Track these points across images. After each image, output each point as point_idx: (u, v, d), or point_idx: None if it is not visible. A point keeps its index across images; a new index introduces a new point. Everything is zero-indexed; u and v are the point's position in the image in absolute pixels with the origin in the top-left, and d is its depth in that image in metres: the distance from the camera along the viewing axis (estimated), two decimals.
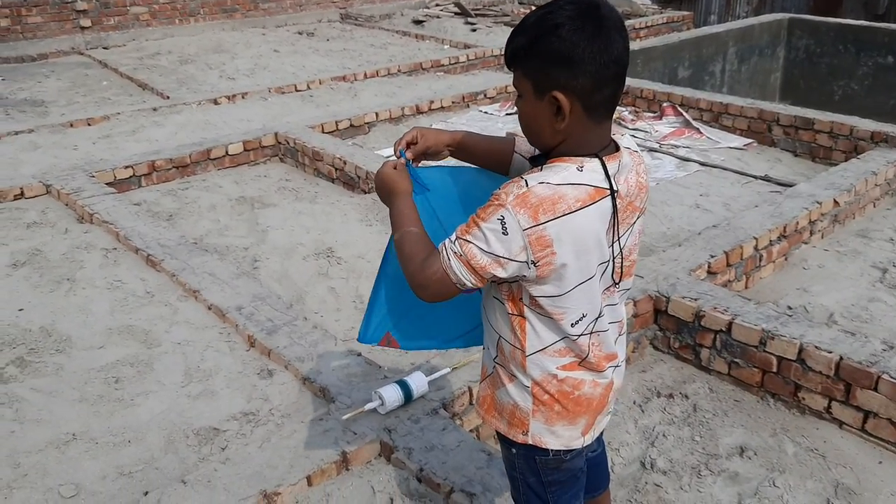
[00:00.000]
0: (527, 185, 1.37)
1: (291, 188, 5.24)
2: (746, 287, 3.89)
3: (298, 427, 2.55)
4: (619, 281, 1.54)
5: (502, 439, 1.67)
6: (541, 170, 1.42)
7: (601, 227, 1.42)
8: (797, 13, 11.04)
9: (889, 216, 4.67)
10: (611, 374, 1.60)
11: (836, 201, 4.36)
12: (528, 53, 1.40)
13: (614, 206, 1.42)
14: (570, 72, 1.36)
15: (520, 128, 1.53)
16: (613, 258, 1.48)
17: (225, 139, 5.69)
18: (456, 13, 12.21)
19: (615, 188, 1.43)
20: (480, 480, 2.32)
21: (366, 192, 4.97)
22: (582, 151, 1.42)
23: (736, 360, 3.10)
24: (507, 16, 12.12)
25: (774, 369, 2.98)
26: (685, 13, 11.82)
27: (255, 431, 2.64)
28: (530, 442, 1.58)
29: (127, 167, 5.15)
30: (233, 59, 8.84)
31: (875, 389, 2.70)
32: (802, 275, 4.00)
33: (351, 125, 6.18)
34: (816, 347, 2.85)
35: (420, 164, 1.71)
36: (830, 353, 2.81)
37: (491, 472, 2.36)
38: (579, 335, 1.50)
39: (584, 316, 1.48)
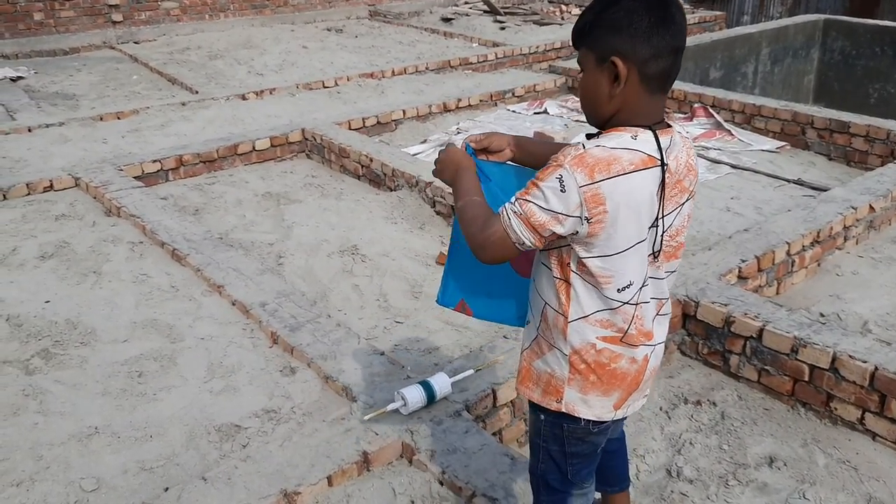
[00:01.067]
0: (584, 148, 1.47)
1: (317, 185, 5.23)
2: (778, 293, 3.80)
3: (320, 426, 2.53)
4: (659, 255, 1.59)
5: (533, 407, 1.74)
6: (597, 137, 1.52)
7: (652, 194, 1.51)
8: (833, 14, 10.85)
9: None
10: (646, 352, 1.64)
11: (871, 207, 4.25)
12: (592, 26, 1.52)
13: (663, 178, 1.51)
14: (630, 40, 1.47)
15: (546, 128, 1.59)
16: (657, 229, 1.55)
17: (252, 135, 5.71)
18: (485, 11, 12.15)
19: (665, 161, 1.51)
20: (503, 485, 2.28)
21: (392, 190, 4.95)
22: (636, 122, 1.52)
23: (766, 367, 3.02)
24: (537, 14, 12.03)
25: (806, 378, 2.90)
26: (718, 13, 11.65)
27: (277, 429, 2.63)
28: (563, 410, 1.65)
29: (155, 161, 5.18)
30: (261, 55, 8.87)
31: None
32: (836, 281, 3.91)
33: (378, 122, 6.17)
34: (850, 357, 2.77)
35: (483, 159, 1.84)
36: (865, 362, 2.74)
37: (514, 476, 2.32)
38: (624, 303, 1.57)
39: (630, 284, 1.55)
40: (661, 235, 1.57)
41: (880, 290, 3.78)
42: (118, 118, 6.36)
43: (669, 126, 1.56)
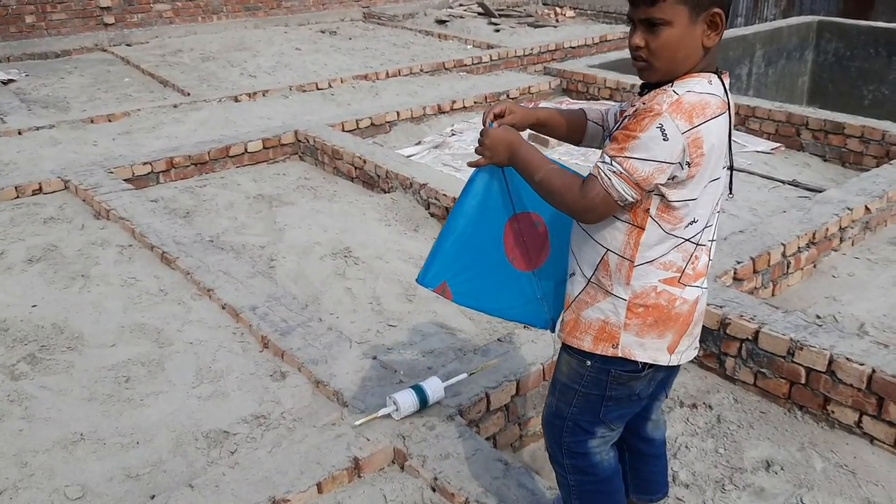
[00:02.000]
0: (677, 94, 1.55)
1: (310, 187, 5.19)
2: (773, 294, 3.77)
3: (310, 432, 2.49)
4: (723, 199, 1.67)
5: (576, 355, 1.78)
6: (680, 83, 1.59)
7: (727, 134, 1.60)
8: (827, 16, 10.84)
9: None
10: (697, 293, 1.71)
11: (867, 208, 4.22)
12: None
13: (731, 119, 1.61)
14: None
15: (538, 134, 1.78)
16: (727, 168, 1.65)
17: (244, 137, 5.66)
18: (479, 13, 12.13)
19: (730, 103, 1.62)
20: (496, 491, 2.24)
21: (385, 192, 4.91)
22: (710, 68, 1.62)
23: (762, 370, 2.99)
24: (531, 16, 12.02)
25: (803, 381, 2.87)
26: None
27: (266, 435, 2.58)
28: (620, 354, 1.70)
29: (145, 164, 5.13)
30: (254, 57, 8.83)
31: None
32: (832, 283, 3.88)
33: (372, 124, 6.13)
34: (848, 359, 2.73)
35: None
36: (862, 365, 2.70)
37: (507, 482, 2.28)
38: (686, 240, 1.64)
39: (696, 221, 1.63)
40: (731, 175, 1.67)
41: (877, 292, 3.76)
42: (109, 120, 6.31)
43: (725, 70, 1.65)
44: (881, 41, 8.84)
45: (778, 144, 5.82)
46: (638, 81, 1.71)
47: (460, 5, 12.58)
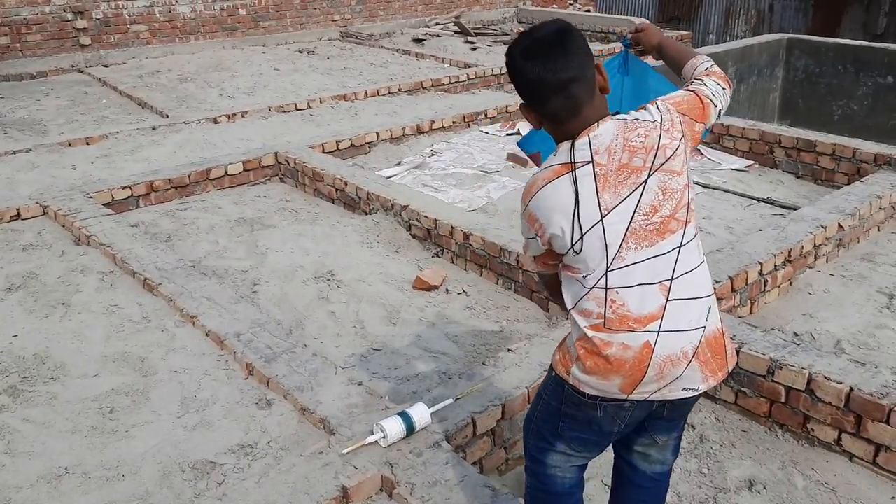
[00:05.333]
0: (525, 166, 1.95)
1: (291, 209, 5.19)
2: (751, 313, 3.83)
3: (297, 461, 2.49)
4: (624, 242, 1.69)
5: (551, 366, 1.92)
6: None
7: (568, 195, 1.69)
8: (796, 33, 11.07)
9: (894, 240, 4.63)
10: (645, 338, 1.69)
11: (840, 225, 4.32)
12: None
13: (576, 174, 1.69)
14: (522, 95, 1.77)
15: (518, 150, 1.97)
16: (598, 222, 1.69)
17: (224, 159, 5.66)
18: (456, 32, 12.23)
19: (575, 160, 1.69)
20: None
21: (367, 214, 4.93)
22: (564, 138, 1.74)
23: (743, 389, 3.04)
24: (507, 35, 12.14)
25: (783, 399, 2.92)
26: (684, 33, 11.85)
27: (253, 465, 2.58)
28: (570, 381, 1.80)
29: (125, 187, 5.11)
30: (233, 78, 8.83)
31: (887, 422, 2.64)
32: (808, 300, 3.95)
33: (352, 145, 6.15)
34: (826, 378, 2.79)
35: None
36: (840, 383, 2.76)
37: None
38: (590, 288, 1.72)
39: (592, 270, 1.72)
40: (619, 221, 1.69)
41: (852, 308, 3.83)
42: (87, 143, 6.28)
43: (594, 124, 1.71)
44: (849, 58, 9.04)
45: (752, 162, 5.93)
46: None
47: (437, 24, 12.67)
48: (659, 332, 1.69)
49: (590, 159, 1.68)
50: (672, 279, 1.69)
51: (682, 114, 1.78)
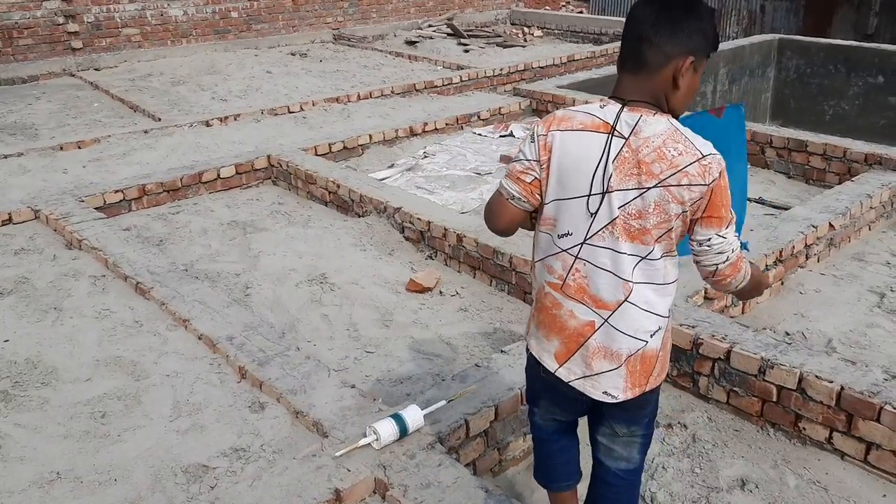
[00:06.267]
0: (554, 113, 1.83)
1: (284, 212, 5.19)
2: (744, 312, 3.85)
3: (290, 464, 2.49)
4: (608, 225, 1.72)
5: None
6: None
7: (592, 155, 1.70)
8: (787, 34, 11.12)
9: (885, 239, 4.65)
10: (591, 317, 1.79)
11: (831, 224, 4.34)
12: None
13: (610, 143, 1.69)
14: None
15: (513, 151, 1.94)
16: (595, 194, 1.71)
17: (217, 162, 5.65)
18: (449, 34, 12.25)
19: (618, 130, 1.69)
20: None
21: (360, 216, 4.93)
22: (616, 92, 1.76)
23: (735, 388, 3.05)
24: (500, 36, 12.16)
25: (774, 398, 2.93)
26: None
27: (246, 468, 2.57)
28: (526, 339, 1.97)
29: (117, 191, 5.10)
30: (225, 81, 8.82)
31: (878, 420, 2.65)
32: (799, 300, 3.97)
33: (344, 147, 6.15)
34: (817, 377, 2.80)
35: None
36: (831, 382, 2.77)
37: None
38: (564, 250, 1.79)
39: (569, 233, 1.76)
40: (608, 204, 1.71)
41: (843, 308, 3.85)
42: (79, 147, 6.26)
43: (647, 108, 1.71)
44: (840, 58, 9.09)
45: None
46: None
47: (429, 26, 12.69)
48: (606, 321, 1.78)
49: (626, 136, 1.69)
50: (635, 282, 1.75)
51: (715, 191, 1.70)
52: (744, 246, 1.86)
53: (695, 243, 1.76)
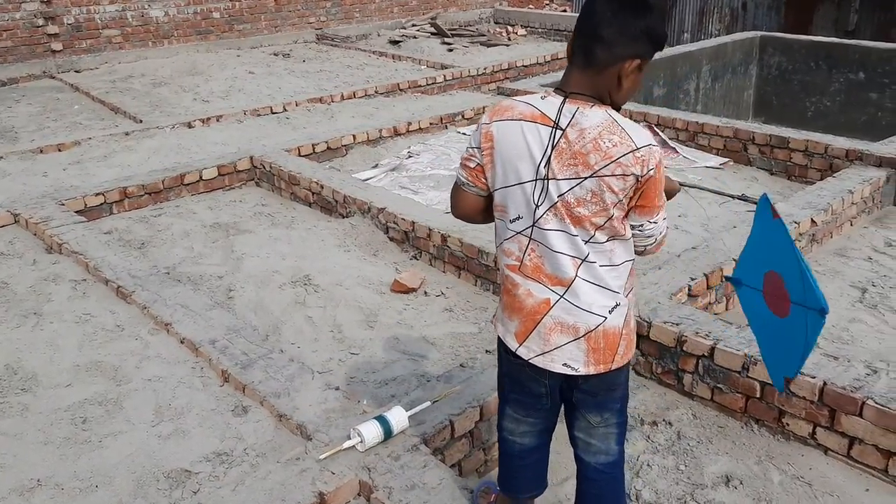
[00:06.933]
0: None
1: (267, 213, 5.16)
2: (727, 309, 3.86)
3: (274, 468, 2.47)
4: (552, 209, 1.79)
5: None
6: None
7: (532, 145, 1.77)
8: (769, 31, 11.18)
9: (866, 235, 4.69)
10: (546, 294, 1.86)
11: (813, 220, 4.36)
12: None
13: (549, 133, 1.76)
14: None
15: None
16: (537, 180, 1.79)
17: (199, 164, 5.61)
18: (432, 33, 12.23)
19: (557, 121, 1.76)
20: None
21: (344, 217, 4.91)
22: (564, 82, 1.81)
23: (719, 385, 3.06)
24: (484, 35, 12.15)
25: (758, 395, 2.94)
26: None
27: (229, 473, 2.55)
28: (492, 320, 2.03)
29: (98, 194, 5.05)
30: (207, 82, 8.76)
31: (860, 415, 2.67)
32: None
33: (328, 148, 6.13)
34: (800, 373, 2.81)
35: None
36: (814, 378, 2.78)
37: None
38: (518, 232, 1.86)
39: (519, 217, 1.84)
40: (548, 192, 1.78)
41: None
42: (59, 150, 6.20)
43: (586, 101, 1.76)
44: (821, 55, 9.14)
45: (726, 159, 5.98)
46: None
47: (413, 25, 12.67)
48: (562, 297, 1.85)
49: (564, 128, 1.75)
50: (584, 261, 1.82)
51: (648, 182, 1.76)
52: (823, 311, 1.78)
53: (629, 226, 1.86)
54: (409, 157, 6.18)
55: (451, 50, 11.00)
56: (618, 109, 1.81)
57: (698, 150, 6.19)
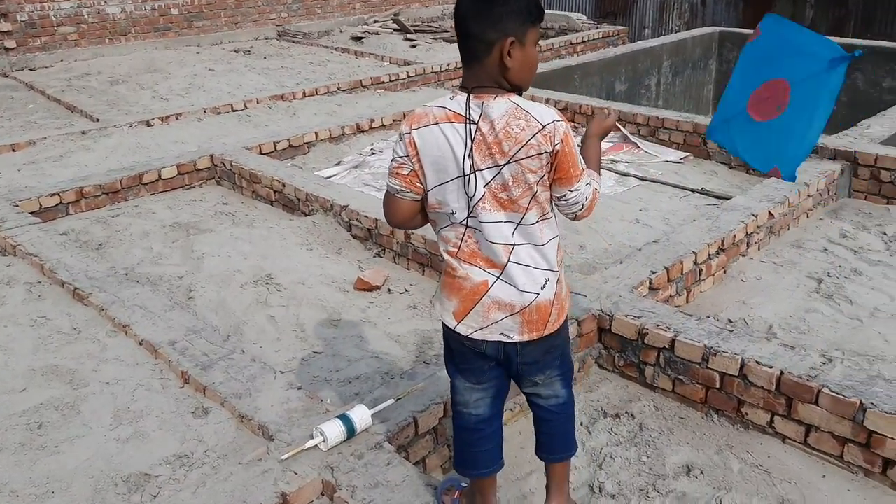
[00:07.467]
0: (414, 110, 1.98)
1: (228, 212, 5.10)
2: (688, 301, 3.91)
3: (235, 469, 2.44)
4: (482, 200, 1.90)
5: None
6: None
7: (453, 143, 1.87)
8: (727, 27, 11.35)
9: (822, 226, 4.78)
10: (484, 276, 1.98)
11: (770, 213, 4.43)
12: None
13: (466, 130, 1.87)
14: None
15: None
16: (465, 175, 1.89)
17: (158, 163, 5.53)
18: (395, 30, 12.19)
19: (469, 117, 1.86)
20: None
21: (306, 215, 4.87)
22: (463, 84, 1.91)
23: (680, 376, 3.10)
24: (447, 31, 12.15)
25: (717, 385, 2.99)
26: (620, 28, 12.04)
27: (189, 475, 2.51)
28: (434, 303, 2.12)
29: (53, 195, 4.95)
30: (166, 79, 8.63)
31: (816, 403, 2.72)
32: (741, 287, 4.05)
33: (290, 145, 6.07)
34: (757, 363, 2.86)
35: None
36: (771, 367, 2.83)
37: None
38: (455, 222, 1.97)
39: (454, 210, 1.95)
40: (477, 185, 1.89)
41: (783, 294, 3.94)
42: (13, 150, 6.06)
43: (489, 92, 1.86)
44: None
45: (687, 154, 6.06)
46: (552, 97, 1.91)
47: (375, 21, 12.61)
48: (498, 278, 1.98)
49: (477, 122, 1.86)
50: (515, 245, 1.95)
51: (559, 155, 1.90)
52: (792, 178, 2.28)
53: (554, 199, 2.00)
54: (372, 153, 6.16)
55: (414, 46, 10.98)
56: (521, 93, 1.92)
57: (659, 144, 6.26)
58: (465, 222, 1.95)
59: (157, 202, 5.24)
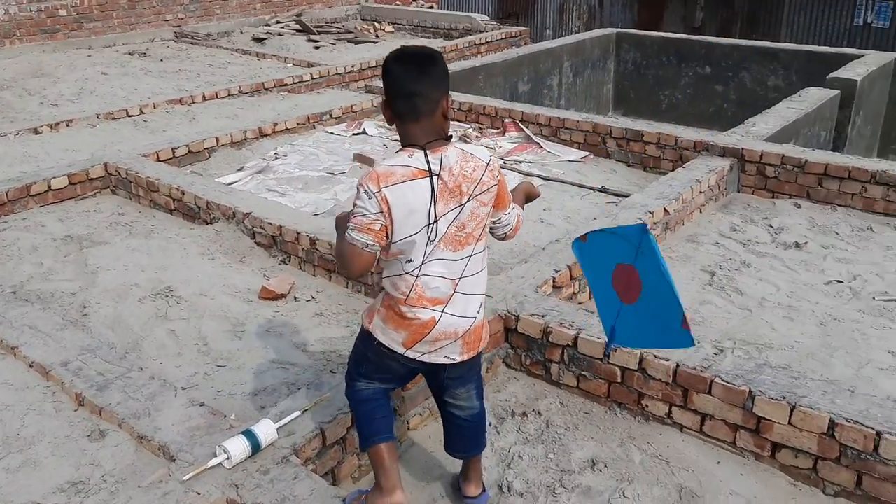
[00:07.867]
0: (372, 167, 2.13)
1: (124, 223, 4.90)
2: (590, 299, 4.02)
3: (134, 493, 2.35)
4: (439, 242, 2.13)
5: (361, 319, 2.40)
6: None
7: (421, 197, 2.07)
8: (624, 28, 11.73)
9: (714, 221, 5.00)
10: (433, 314, 2.20)
11: (666, 210, 4.61)
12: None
13: (430, 182, 2.08)
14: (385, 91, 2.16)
15: (365, 149, 2.27)
16: (430, 224, 2.10)
17: (47, 172, 5.26)
18: (298, 30, 12.01)
19: (433, 171, 2.08)
20: None
21: (207, 224, 4.74)
22: (411, 142, 2.12)
23: (584, 373, 3.18)
24: (351, 32, 12.06)
25: (619, 380, 3.08)
26: (522, 28, 12.25)
27: (85, 503, 2.41)
28: (369, 328, 2.30)
29: None
30: (55, 84, 8.22)
31: (709, 393, 2.85)
32: None
33: (189, 151, 5.89)
34: (654, 356, 2.97)
35: None
36: (667, 360, 2.94)
37: None
38: (408, 272, 2.17)
39: (412, 260, 2.15)
40: (444, 230, 2.12)
41: (679, 287, 4.07)
42: None
43: (440, 145, 2.11)
44: (671, 50, 9.69)
45: (587, 153, 6.22)
46: (458, 98, 2.09)
47: (277, 22, 12.39)
48: (443, 312, 2.22)
49: (438, 172, 2.09)
50: (461, 277, 2.21)
51: (500, 184, 2.24)
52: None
53: (490, 223, 2.29)
54: (276, 158, 6.05)
55: (317, 47, 10.85)
56: (447, 134, 2.18)
57: (561, 144, 6.40)
58: (416, 273, 2.16)
59: (48, 214, 4.99)
